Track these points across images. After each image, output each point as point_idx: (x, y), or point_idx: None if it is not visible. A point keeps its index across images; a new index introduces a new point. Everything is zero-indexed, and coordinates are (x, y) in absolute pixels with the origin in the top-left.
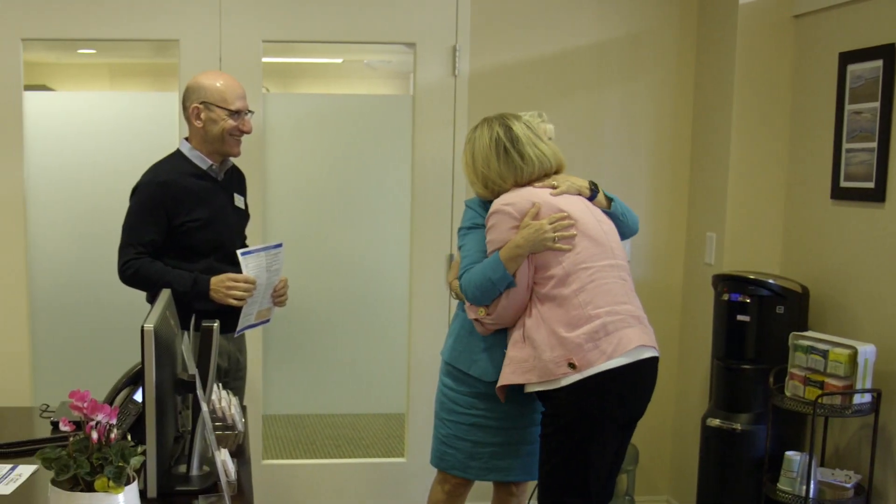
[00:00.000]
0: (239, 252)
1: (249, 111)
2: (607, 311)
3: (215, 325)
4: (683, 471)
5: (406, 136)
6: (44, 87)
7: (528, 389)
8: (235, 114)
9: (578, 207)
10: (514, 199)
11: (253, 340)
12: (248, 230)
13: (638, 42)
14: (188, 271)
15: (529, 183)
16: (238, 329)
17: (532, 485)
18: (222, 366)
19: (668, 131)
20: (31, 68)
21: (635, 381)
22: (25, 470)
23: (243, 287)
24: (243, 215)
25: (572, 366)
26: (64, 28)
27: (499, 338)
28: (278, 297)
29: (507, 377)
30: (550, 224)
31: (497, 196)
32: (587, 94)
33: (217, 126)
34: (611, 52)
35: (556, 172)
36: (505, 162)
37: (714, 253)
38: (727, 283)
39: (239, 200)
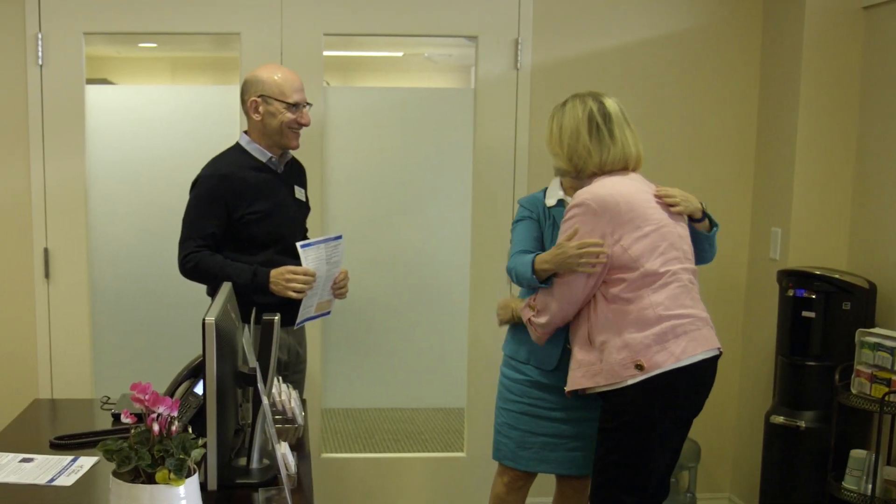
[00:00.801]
0: (298, 244)
1: (308, 104)
2: (677, 313)
3: (276, 318)
4: (746, 468)
5: (467, 129)
6: (105, 81)
7: (592, 391)
8: (293, 106)
9: (655, 208)
10: (600, 192)
11: (313, 334)
12: (308, 223)
13: (702, 34)
14: (248, 264)
15: (611, 171)
16: (298, 321)
17: None
18: (282, 359)
19: (732, 125)
20: (92, 62)
21: (699, 379)
22: (87, 462)
23: (302, 279)
24: (304, 207)
25: (639, 367)
26: (125, 22)
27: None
28: (338, 290)
29: (577, 381)
30: (579, 249)
31: (578, 175)
32: (649, 87)
33: (275, 119)
34: (674, 45)
35: (636, 167)
36: (596, 138)
37: (779, 248)
38: (792, 278)
39: (299, 193)
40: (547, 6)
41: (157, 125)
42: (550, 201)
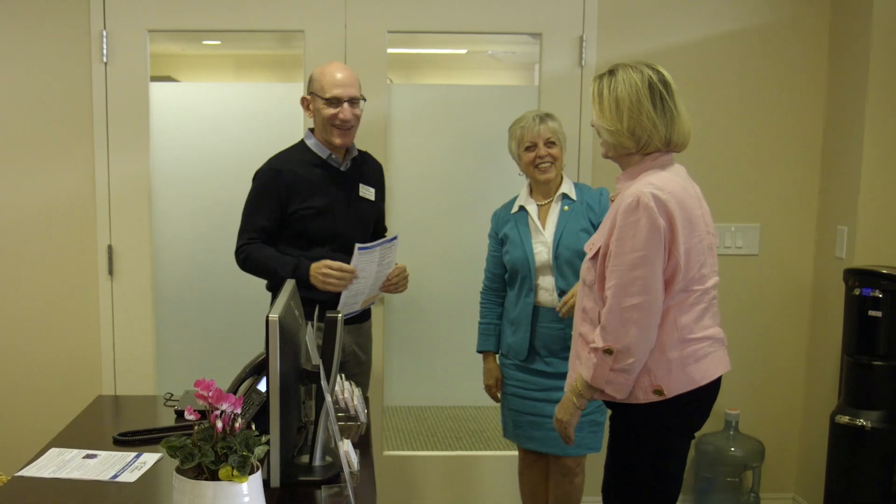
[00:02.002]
0: (357, 245)
1: (357, 99)
2: (699, 336)
3: (339, 315)
4: (811, 468)
5: None
6: (169, 79)
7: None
8: (331, 102)
9: (700, 213)
10: (661, 194)
11: (374, 332)
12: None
13: (769, 31)
14: (295, 257)
15: (675, 148)
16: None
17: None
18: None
19: (798, 122)
20: (156, 59)
21: (710, 397)
22: (150, 458)
23: (337, 276)
24: (370, 206)
25: (658, 392)
26: (190, 19)
27: (522, 314)
28: (392, 285)
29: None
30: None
31: (641, 151)
32: (715, 84)
33: (319, 115)
34: (740, 43)
35: (680, 149)
36: (660, 108)
37: (845, 247)
38: (858, 277)
39: (366, 191)
40: (612, 3)
41: (220, 123)
42: (514, 209)
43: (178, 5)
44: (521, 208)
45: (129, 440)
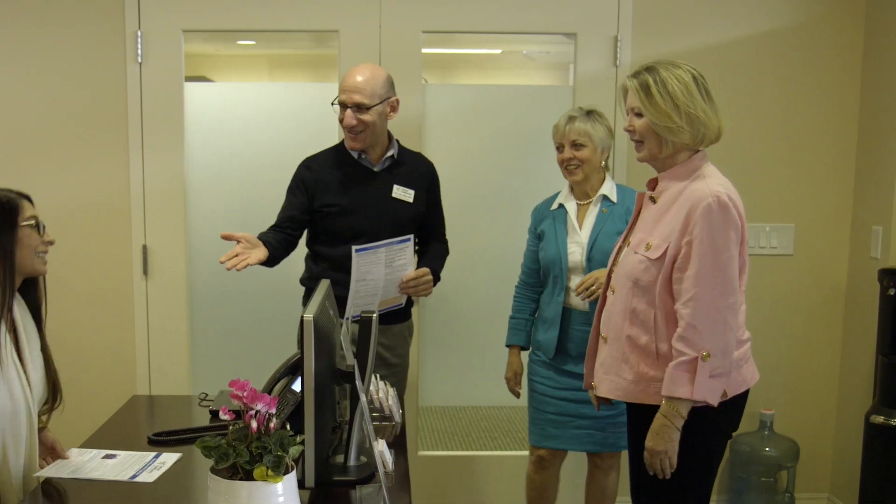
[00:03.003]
0: (354, 248)
1: (362, 106)
2: (746, 338)
3: (374, 315)
4: (845, 468)
5: None
6: (203, 79)
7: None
8: (340, 104)
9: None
10: (731, 194)
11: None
12: None
13: (804, 30)
14: (330, 258)
15: (701, 153)
16: (346, 315)
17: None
18: None
19: (833, 122)
20: (191, 59)
21: (747, 396)
22: (169, 458)
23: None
24: (407, 207)
25: (720, 396)
26: (224, 19)
27: (553, 313)
28: (411, 288)
29: (637, 396)
30: (578, 292)
31: (695, 146)
32: (750, 84)
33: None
34: (775, 41)
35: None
36: (709, 101)
37: (880, 246)
38: (893, 277)
39: (401, 192)
40: (647, 3)
41: (254, 122)
42: (554, 206)
43: (213, 5)
44: (561, 206)
45: (164, 440)
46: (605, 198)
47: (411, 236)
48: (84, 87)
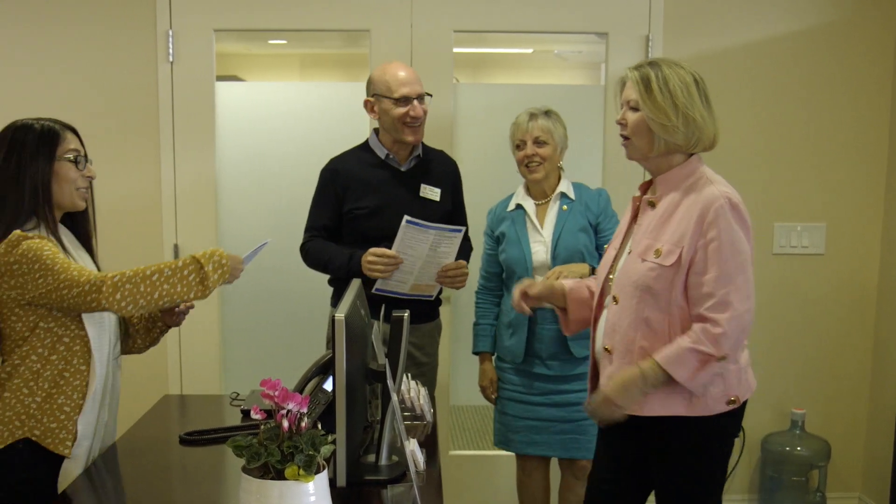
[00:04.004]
0: (406, 217)
1: (424, 95)
2: (746, 342)
3: (405, 314)
4: (876, 467)
5: (597, 126)
6: (235, 78)
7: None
8: (401, 101)
9: None
10: (735, 193)
11: (442, 331)
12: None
13: (835, 29)
14: (350, 249)
15: (697, 157)
16: (376, 288)
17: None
18: None
19: (864, 121)
20: (222, 59)
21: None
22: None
23: (383, 262)
24: (434, 206)
25: (732, 402)
26: (256, 19)
27: (520, 316)
28: (448, 278)
29: (652, 408)
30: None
31: (688, 150)
32: (781, 83)
33: (388, 116)
34: (806, 41)
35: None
36: (707, 105)
37: None
38: None
39: (428, 191)
40: (678, 2)
41: (286, 122)
42: (511, 206)
43: (245, 5)
44: (519, 206)
45: (196, 440)
46: (563, 195)
47: (463, 228)
48: (115, 87)
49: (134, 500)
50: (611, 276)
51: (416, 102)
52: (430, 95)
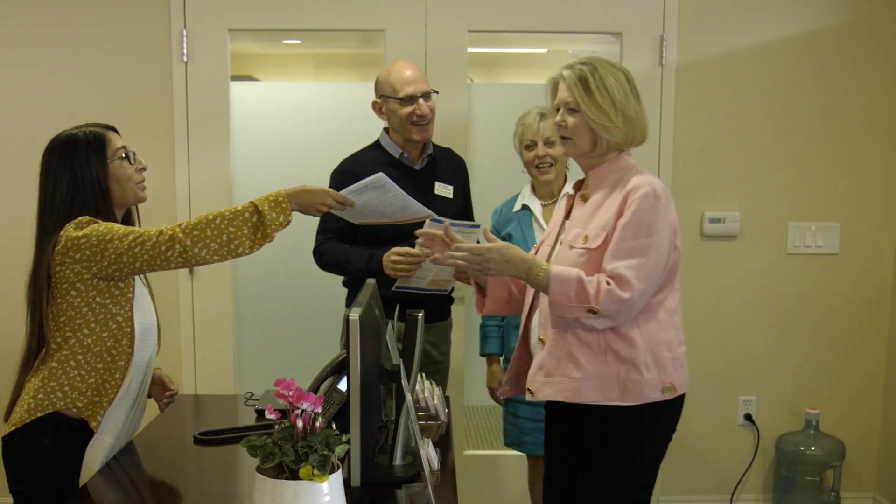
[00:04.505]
0: (430, 217)
1: (430, 92)
2: (683, 337)
3: (420, 314)
4: (891, 467)
5: None
6: (249, 78)
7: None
8: (406, 100)
9: None
10: (661, 185)
11: (456, 331)
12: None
13: (849, 29)
14: (369, 250)
15: (626, 152)
16: (395, 286)
17: None
18: None
19: (878, 121)
20: (237, 59)
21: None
22: None
23: (407, 261)
24: (448, 204)
25: (668, 391)
26: (270, 19)
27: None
28: (465, 273)
29: (586, 395)
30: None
31: (626, 147)
32: (795, 82)
33: (395, 116)
34: (821, 40)
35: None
36: (639, 102)
37: None
38: None
39: (442, 188)
40: (692, 2)
41: (300, 122)
42: (516, 207)
43: (259, 5)
44: (525, 207)
45: (210, 439)
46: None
47: (480, 224)
48: (130, 87)
49: (150, 500)
50: None
51: (421, 101)
52: (437, 92)
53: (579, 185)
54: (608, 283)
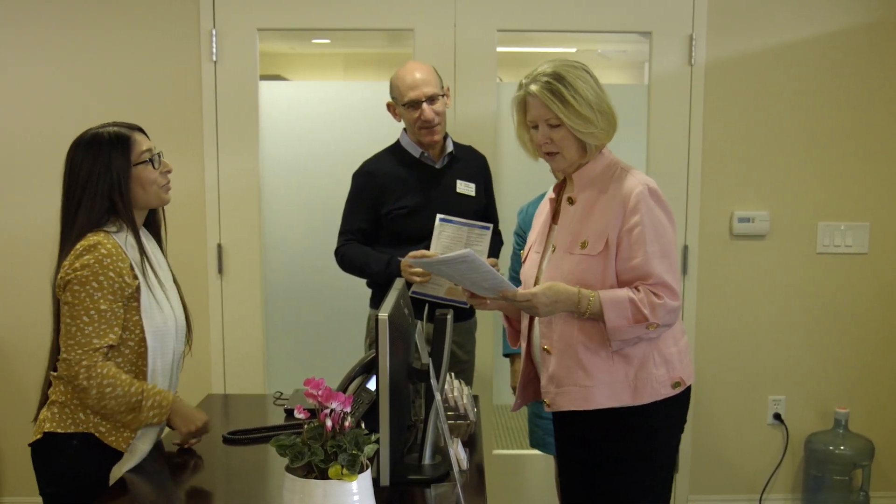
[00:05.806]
0: (439, 216)
1: (436, 95)
2: (684, 327)
3: (449, 314)
4: None
5: (641, 126)
6: (278, 77)
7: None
8: (411, 105)
9: None
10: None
11: (483, 331)
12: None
13: (879, 28)
14: (388, 254)
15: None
16: (413, 291)
17: None
18: None
19: None
20: (266, 58)
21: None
22: None
23: (421, 264)
24: (470, 202)
25: (677, 385)
26: (299, 18)
27: None
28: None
29: (599, 401)
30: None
31: (608, 141)
32: (824, 81)
33: (406, 120)
34: (850, 39)
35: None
36: (605, 92)
37: None
38: None
39: (464, 186)
40: (722, 1)
41: (329, 121)
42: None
43: (288, 4)
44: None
45: (239, 439)
46: None
47: (491, 226)
48: (159, 87)
49: (179, 500)
50: (538, 277)
51: (425, 106)
52: (445, 95)
53: (560, 188)
54: (657, 297)
